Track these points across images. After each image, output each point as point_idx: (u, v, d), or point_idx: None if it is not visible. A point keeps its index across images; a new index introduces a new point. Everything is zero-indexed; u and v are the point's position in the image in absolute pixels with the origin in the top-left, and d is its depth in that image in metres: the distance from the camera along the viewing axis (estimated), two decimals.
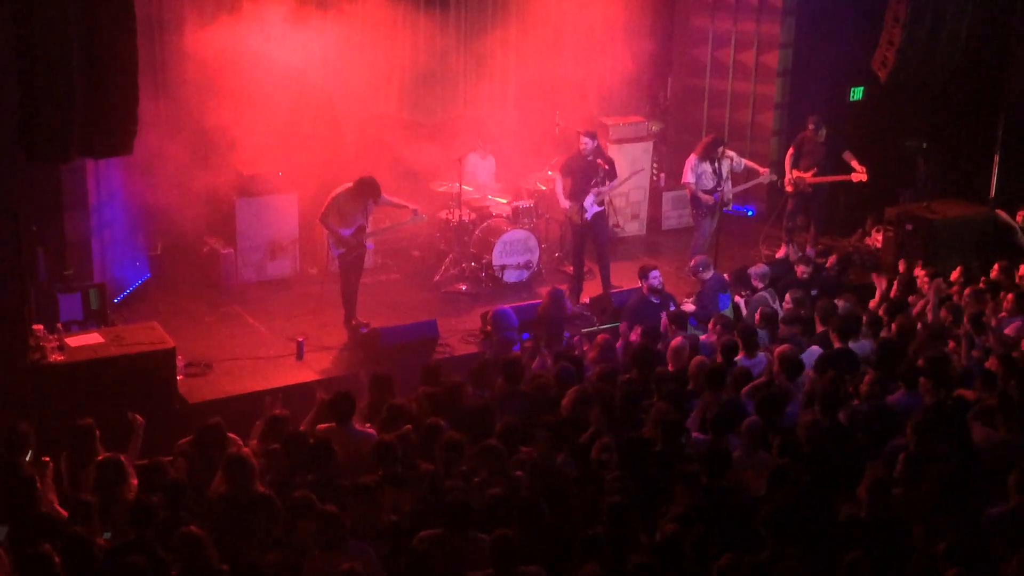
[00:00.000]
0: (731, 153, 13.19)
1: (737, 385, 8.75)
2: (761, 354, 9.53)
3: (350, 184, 11.20)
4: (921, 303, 10.99)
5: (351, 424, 7.93)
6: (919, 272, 11.47)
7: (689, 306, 11.47)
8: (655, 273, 11.17)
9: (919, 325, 10.29)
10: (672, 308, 11.11)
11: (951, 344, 9.66)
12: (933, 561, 6.14)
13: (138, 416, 7.90)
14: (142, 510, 6.45)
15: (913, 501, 6.74)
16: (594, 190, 12.24)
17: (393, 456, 7.25)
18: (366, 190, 11.14)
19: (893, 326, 10.08)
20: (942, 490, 6.68)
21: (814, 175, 13.52)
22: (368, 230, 11.37)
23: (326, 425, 7.96)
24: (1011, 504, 6.72)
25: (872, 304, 11.13)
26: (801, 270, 12.21)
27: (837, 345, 9.45)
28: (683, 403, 8.44)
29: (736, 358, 9.28)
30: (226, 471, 7.02)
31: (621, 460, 7.22)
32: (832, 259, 13.44)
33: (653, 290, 11.11)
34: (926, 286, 11.12)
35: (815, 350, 9.54)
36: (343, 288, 11.48)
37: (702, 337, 10.11)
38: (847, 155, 13.46)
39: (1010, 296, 10.52)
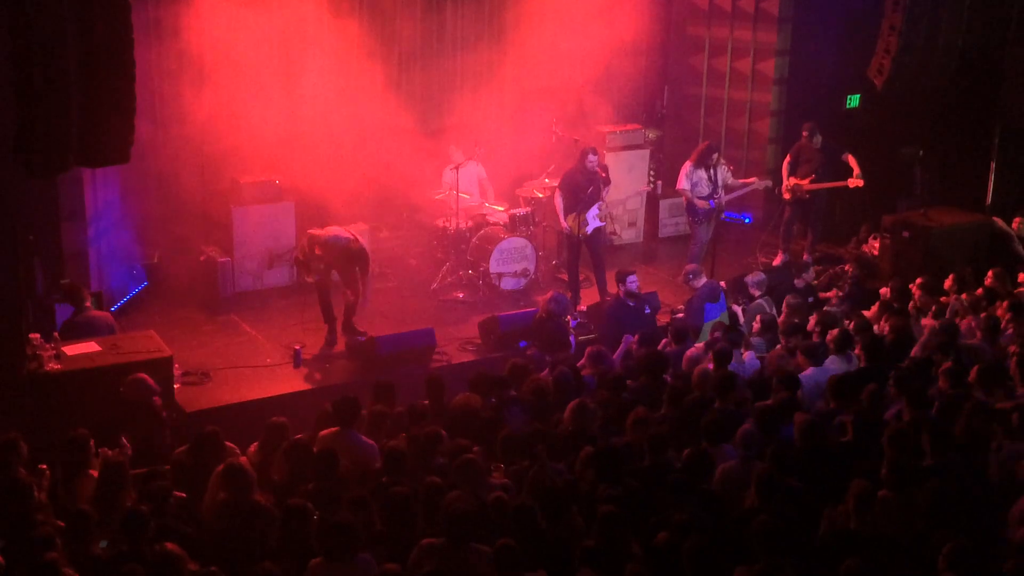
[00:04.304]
0: (722, 162, 13.24)
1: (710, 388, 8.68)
2: (748, 360, 9.54)
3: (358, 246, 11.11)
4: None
5: (355, 430, 7.92)
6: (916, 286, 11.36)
7: (680, 315, 11.51)
8: (632, 278, 11.31)
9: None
10: (648, 311, 11.25)
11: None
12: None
13: (127, 444, 7.88)
14: (134, 519, 6.42)
15: (906, 511, 6.72)
16: (598, 204, 12.27)
17: (403, 464, 7.24)
18: (362, 259, 11.12)
19: (887, 327, 10.07)
20: (935, 502, 6.66)
21: (811, 182, 13.52)
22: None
23: (330, 430, 7.94)
24: None
25: (869, 313, 11.10)
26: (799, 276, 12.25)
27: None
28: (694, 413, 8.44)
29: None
30: (225, 480, 7.01)
31: (601, 470, 7.19)
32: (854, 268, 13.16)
33: (630, 294, 11.23)
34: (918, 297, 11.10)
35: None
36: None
37: (698, 344, 10.11)
38: (848, 157, 13.43)
39: (1004, 304, 10.50)
